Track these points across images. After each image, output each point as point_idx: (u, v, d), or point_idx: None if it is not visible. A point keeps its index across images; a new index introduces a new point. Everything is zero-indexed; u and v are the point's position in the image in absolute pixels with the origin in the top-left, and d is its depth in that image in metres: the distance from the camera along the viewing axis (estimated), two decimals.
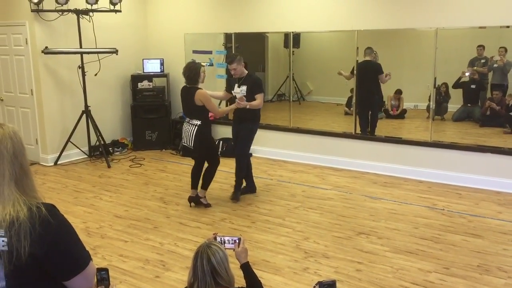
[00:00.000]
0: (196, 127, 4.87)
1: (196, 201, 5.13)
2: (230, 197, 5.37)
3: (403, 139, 6.20)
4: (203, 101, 4.83)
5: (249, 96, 5.17)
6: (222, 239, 2.47)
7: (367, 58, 6.35)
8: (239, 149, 5.40)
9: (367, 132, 6.49)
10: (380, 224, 4.63)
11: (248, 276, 2.48)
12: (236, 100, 5.14)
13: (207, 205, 5.13)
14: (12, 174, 1.49)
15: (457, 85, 6.05)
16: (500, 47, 5.65)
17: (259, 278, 2.54)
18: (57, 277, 1.54)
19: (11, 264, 1.44)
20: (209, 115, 5.06)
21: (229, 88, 5.47)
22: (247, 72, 5.28)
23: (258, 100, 5.17)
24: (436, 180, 5.83)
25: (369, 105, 6.62)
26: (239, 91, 5.22)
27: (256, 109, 5.25)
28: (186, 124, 5.02)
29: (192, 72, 4.86)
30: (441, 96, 6.11)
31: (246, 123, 5.26)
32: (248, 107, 5.10)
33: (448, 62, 5.86)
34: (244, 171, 5.41)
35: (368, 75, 6.43)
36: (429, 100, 5.99)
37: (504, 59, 5.64)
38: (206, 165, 5.21)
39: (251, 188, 5.54)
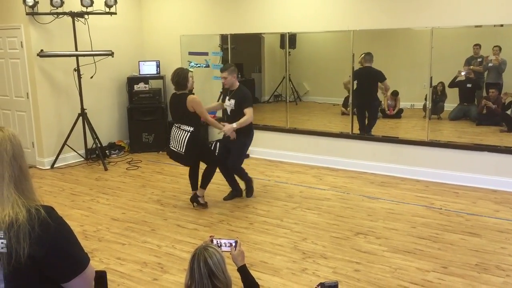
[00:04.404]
0: (189, 133, 4.82)
1: (197, 201, 5.14)
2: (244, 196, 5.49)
3: (400, 138, 6.20)
4: (195, 106, 4.81)
5: (238, 110, 5.16)
6: (219, 242, 2.46)
7: (367, 65, 6.33)
8: (232, 163, 5.31)
9: (365, 131, 6.48)
10: (378, 224, 4.63)
11: (245, 279, 2.47)
12: (225, 128, 5.06)
13: (204, 205, 5.13)
14: (12, 176, 1.49)
15: (453, 84, 6.06)
16: (494, 46, 5.65)
17: (257, 280, 2.53)
18: (56, 279, 1.54)
19: (10, 266, 1.43)
20: (201, 120, 5.04)
21: (224, 99, 5.44)
22: (238, 84, 5.24)
23: (246, 115, 5.10)
24: (433, 179, 5.84)
25: (367, 109, 6.63)
26: (229, 104, 5.22)
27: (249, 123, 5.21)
28: (175, 128, 4.96)
29: (181, 77, 4.85)
30: (438, 95, 6.12)
31: (239, 137, 5.19)
32: (236, 127, 5.05)
33: (444, 61, 5.86)
34: (245, 173, 5.44)
35: (368, 81, 6.43)
36: (426, 99, 6.00)
37: (499, 58, 5.65)
38: (203, 166, 5.20)
39: (238, 192, 5.49)
